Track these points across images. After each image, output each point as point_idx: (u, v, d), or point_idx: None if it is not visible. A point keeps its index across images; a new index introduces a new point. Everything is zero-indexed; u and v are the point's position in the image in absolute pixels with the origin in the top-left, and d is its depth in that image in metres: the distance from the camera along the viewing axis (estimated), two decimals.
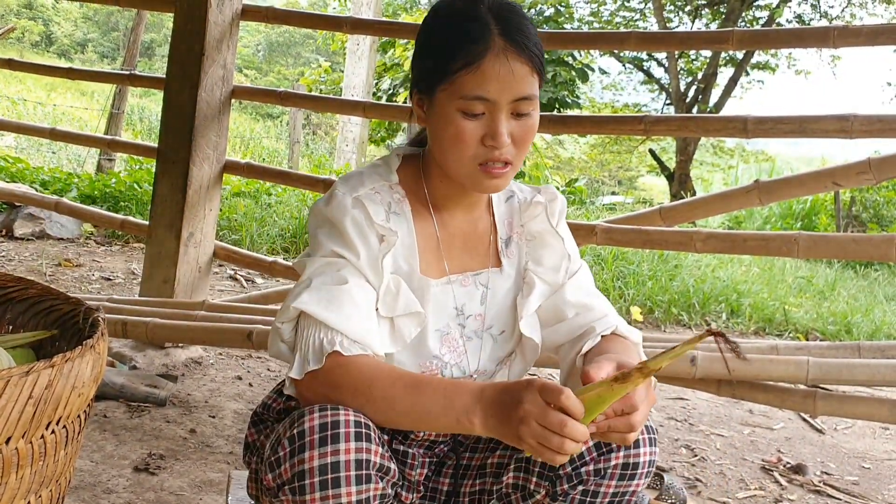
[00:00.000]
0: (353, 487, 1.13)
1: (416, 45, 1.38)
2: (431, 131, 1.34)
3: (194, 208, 3.56)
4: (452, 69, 1.26)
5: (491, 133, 1.28)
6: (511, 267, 1.47)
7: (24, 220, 5.91)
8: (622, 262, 6.55)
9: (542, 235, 1.48)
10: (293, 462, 1.14)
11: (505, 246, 1.47)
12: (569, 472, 1.28)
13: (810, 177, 2.88)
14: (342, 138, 12.04)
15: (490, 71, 1.25)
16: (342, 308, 1.25)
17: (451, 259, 1.42)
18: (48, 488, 1.28)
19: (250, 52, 29.66)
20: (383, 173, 1.41)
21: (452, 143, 1.29)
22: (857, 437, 3.69)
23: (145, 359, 3.36)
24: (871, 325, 6.30)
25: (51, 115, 12.23)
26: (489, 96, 1.26)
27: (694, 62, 16.72)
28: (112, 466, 2.43)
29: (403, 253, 1.36)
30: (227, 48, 3.57)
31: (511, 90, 1.27)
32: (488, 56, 1.26)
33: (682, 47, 6.97)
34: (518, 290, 1.46)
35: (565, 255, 1.47)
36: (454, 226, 1.43)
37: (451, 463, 1.44)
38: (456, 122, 1.28)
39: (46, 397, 1.17)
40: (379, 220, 1.32)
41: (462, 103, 1.27)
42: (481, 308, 1.43)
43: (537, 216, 1.47)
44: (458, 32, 1.28)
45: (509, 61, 1.26)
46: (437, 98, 1.30)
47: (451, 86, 1.27)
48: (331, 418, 1.15)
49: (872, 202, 11.84)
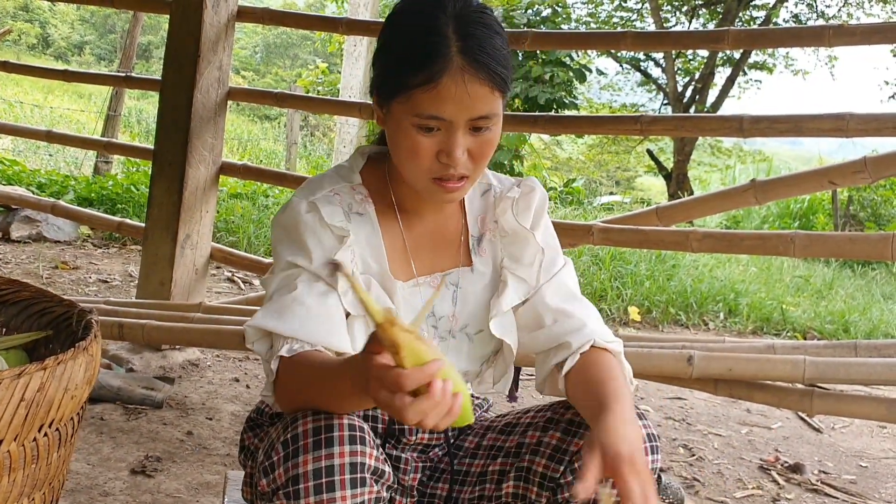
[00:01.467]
0: (347, 491, 1.12)
1: (378, 45, 1.33)
2: (388, 137, 1.31)
3: (191, 210, 3.55)
4: (409, 84, 1.21)
5: (446, 151, 1.24)
6: (484, 265, 1.43)
7: (21, 223, 5.90)
8: (620, 262, 6.55)
9: (515, 231, 1.43)
10: (287, 466, 1.13)
11: (476, 244, 1.43)
12: (570, 482, 1.27)
13: (807, 176, 2.89)
14: (340, 140, 12.03)
15: (446, 92, 1.20)
16: (292, 315, 1.24)
17: (420, 261, 1.39)
18: (41, 491, 1.27)
19: (248, 54, 29.66)
20: (345, 174, 1.38)
21: (407, 156, 1.26)
22: (855, 436, 3.68)
23: (142, 361, 3.35)
24: (868, 324, 6.30)
25: (48, 117, 12.22)
26: (444, 116, 1.21)
27: (691, 62, 16.74)
28: (109, 469, 2.43)
29: (371, 253, 1.34)
30: (223, 49, 3.57)
31: (468, 111, 1.22)
32: (445, 76, 1.20)
33: (678, 47, 6.97)
34: (494, 289, 1.43)
35: (539, 250, 1.42)
36: (422, 227, 1.40)
37: (447, 468, 1.43)
38: (411, 137, 1.24)
39: (39, 400, 1.16)
40: (335, 220, 1.29)
41: (417, 120, 1.22)
42: (453, 308, 1.40)
43: (507, 212, 1.42)
44: (417, 46, 1.22)
45: (466, 83, 1.20)
46: (393, 109, 1.26)
47: (407, 100, 1.22)
48: (325, 422, 1.15)
49: (870, 201, 11.84)
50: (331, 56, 16.88)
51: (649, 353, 2.49)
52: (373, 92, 1.32)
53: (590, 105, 19.15)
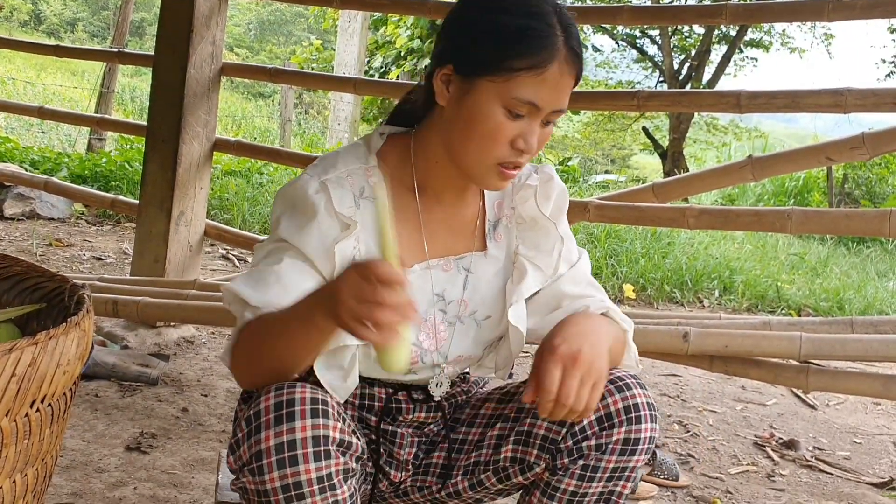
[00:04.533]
0: (311, 465, 1.12)
1: (463, 20, 1.29)
2: (455, 116, 1.27)
3: (184, 187, 3.53)
4: (513, 66, 1.21)
5: (525, 137, 1.24)
6: (498, 250, 1.42)
7: (14, 200, 5.87)
8: (615, 239, 6.54)
9: (534, 219, 1.41)
10: (250, 443, 1.14)
11: (492, 229, 1.42)
12: (570, 446, 1.28)
13: (804, 152, 2.88)
14: (334, 117, 11.98)
15: (550, 80, 1.22)
16: (267, 286, 1.23)
17: (433, 243, 1.37)
18: (34, 467, 1.27)
19: (241, 31, 29.47)
20: (361, 154, 1.35)
21: (483, 138, 1.24)
22: (849, 413, 3.70)
23: (137, 338, 3.34)
24: (863, 301, 6.31)
25: (41, 94, 12.14)
26: (540, 104, 1.22)
27: (687, 39, 16.65)
28: (104, 445, 2.43)
29: (375, 239, 1.30)
30: (216, 24, 3.53)
31: (557, 101, 1.24)
32: (553, 64, 1.22)
33: (675, 21, 6.94)
34: (507, 275, 1.41)
35: (559, 239, 1.42)
36: (440, 210, 1.37)
37: (443, 440, 1.43)
38: (495, 118, 1.23)
39: (30, 375, 1.15)
40: (343, 207, 1.27)
41: (511, 102, 1.22)
42: (463, 293, 1.38)
43: (528, 200, 1.41)
44: (527, 30, 1.21)
45: (565, 73, 1.23)
46: (479, 86, 1.23)
47: (505, 81, 1.21)
48: (286, 397, 1.15)
49: (865, 179, 11.84)
50: (325, 33, 16.80)
51: (645, 329, 2.48)
52: (439, 65, 1.28)
53: (586, 82, 19.06)
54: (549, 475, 1.31)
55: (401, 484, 1.42)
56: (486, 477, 1.37)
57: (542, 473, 1.32)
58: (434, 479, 1.42)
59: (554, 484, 1.30)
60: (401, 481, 1.41)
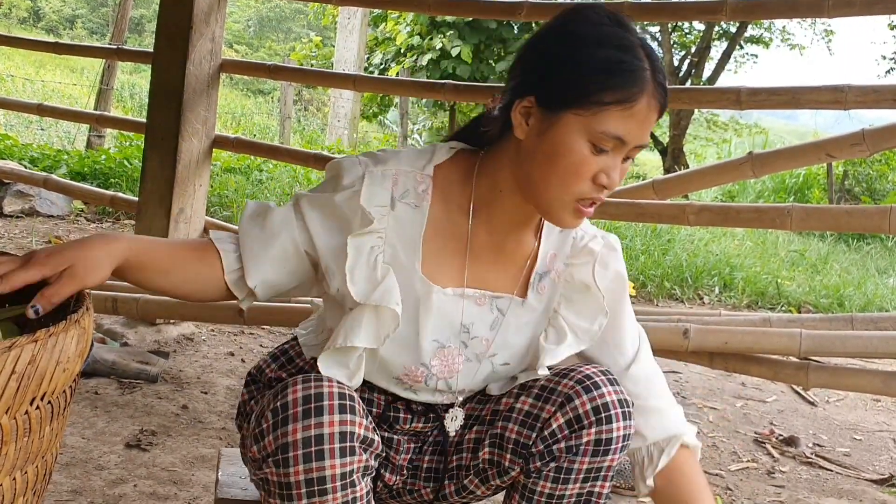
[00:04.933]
0: (337, 460, 1.12)
1: (547, 51, 1.24)
2: (535, 148, 1.22)
3: (184, 184, 3.53)
4: (602, 100, 1.17)
5: (608, 173, 1.20)
6: (538, 302, 1.36)
7: (14, 198, 5.87)
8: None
9: (585, 285, 1.36)
10: (276, 435, 1.13)
11: (538, 279, 1.36)
12: (541, 450, 1.27)
13: (804, 149, 2.87)
14: (334, 114, 11.99)
15: (639, 114, 1.18)
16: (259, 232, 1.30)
17: (475, 271, 1.32)
18: (34, 465, 1.26)
19: (240, 28, 29.44)
20: (420, 160, 1.31)
21: (566, 172, 1.20)
22: (849, 409, 3.70)
23: (136, 335, 3.34)
24: (863, 297, 6.31)
25: (40, 91, 12.13)
26: (627, 139, 1.19)
27: (687, 36, 16.66)
28: (104, 443, 2.43)
29: (404, 246, 1.28)
30: (216, 21, 3.53)
31: (643, 136, 1.21)
32: (643, 98, 1.18)
33: (675, 18, 6.95)
34: (537, 329, 1.37)
35: (602, 312, 1.36)
36: (489, 239, 1.32)
37: (433, 441, 1.42)
38: (579, 152, 1.18)
39: (30, 373, 1.15)
40: (371, 205, 1.25)
41: (598, 136, 1.18)
42: (490, 333, 1.34)
43: (586, 265, 1.36)
44: (617, 63, 1.18)
45: (653, 108, 1.20)
46: (564, 119, 1.19)
47: (593, 115, 1.17)
48: (314, 390, 1.14)
49: (865, 176, 11.84)
50: (324, 29, 16.78)
51: (645, 326, 2.47)
52: (517, 96, 1.24)
53: None
54: (524, 478, 1.30)
55: (394, 486, 1.42)
56: (470, 480, 1.36)
57: (518, 476, 1.31)
58: (423, 484, 1.41)
59: (530, 487, 1.29)
60: (394, 484, 1.41)
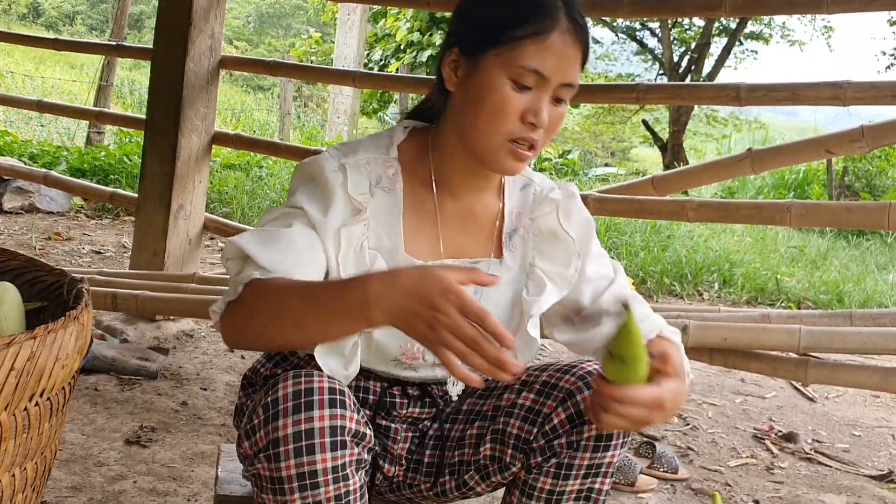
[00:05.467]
0: (328, 454, 1.12)
1: (466, 4, 1.32)
2: (464, 96, 1.28)
3: (183, 180, 3.53)
4: (515, 35, 1.22)
5: (534, 110, 1.23)
6: (513, 260, 1.40)
7: (13, 194, 5.87)
8: (614, 232, 6.54)
9: (553, 233, 1.41)
10: (268, 430, 1.13)
11: (509, 237, 1.40)
12: (542, 445, 1.27)
13: (804, 145, 2.87)
14: (333, 110, 11.98)
15: (553, 47, 1.22)
16: (277, 249, 1.21)
17: (449, 242, 1.36)
18: (33, 461, 1.27)
19: (240, 24, 29.42)
20: (383, 145, 1.35)
21: (492, 113, 1.24)
22: (848, 405, 3.70)
23: (136, 332, 3.34)
24: (862, 293, 6.32)
25: (39, 87, 12.12)
26: (546, 73, 1.22)
27: (687, 31, 16.63)
28: (103, 439, 2.43)
29: (387, 230, 1.31)
30: (215, 17, 3.52)
31: (564, 72, 1.24)
32: (555, 31, 1.22)
33: (675, 14, 6.94)
34: (517, 286, 1.40)
35: (576, 254, 1.40)
36: (457, 207, 1.37)
37: (434, 435, 1.43)
38: (502, 91, 1.23)
39: (29, 369, 1.15)
40: (357, 192, 1.28)
41: (517, 72, 1.22)
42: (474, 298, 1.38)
43: (549, 213, 1.41)
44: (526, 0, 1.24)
45: (570, 42, 1.23)
46: (485, 62, 1.24)
47: (509, 52, 1.22)
48: (304, 385, 1.14)
49: (865, 172, 11.84)
50: (324, 25, 16.76)
51: None
52: (447, 52, 1.30)
53: (585, 75, 19.00)
54: (525, 474, 1.30)
55: (394, 478, 1.42)
56: (470, 476, 1.36)
57: (519, 472, 1.31)
58: (423, 478, 1.41)
59: (531, 483, 1.29)
60: (394, 475, 1.41)
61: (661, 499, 2.49)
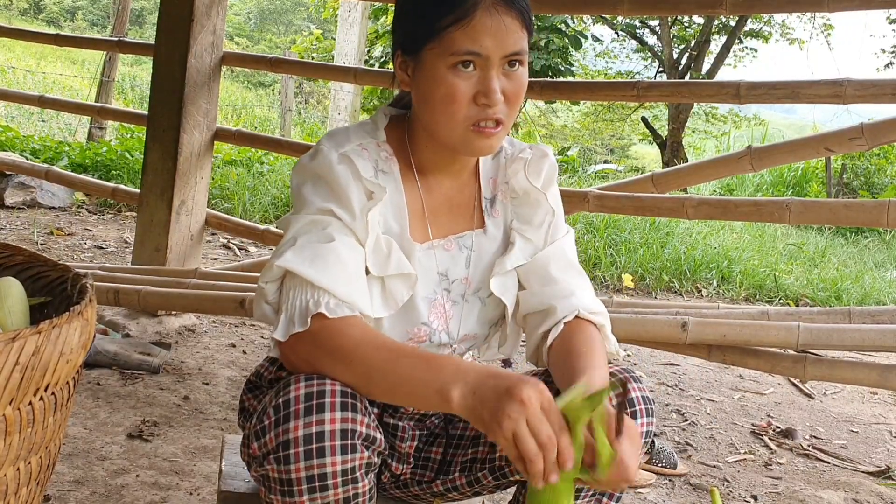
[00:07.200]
0: (338, 457, 1.12)
1: (398, 4, 1.34)
2: (418, 94, 1.30)
3: (185, 176, 3.54)
4: (441, 25, 1.23)
5: (484, 91, 1.24)
6: (496, 227, 1.43)
7: (15, 189, 5.88)
8: (614, 229, 6.55)
9: (526, 192, 1.43)
10: (278, 431, 1.13)
11: (489, 206, 1.43)
12: None
13: (803, 143, 2.88)
14: (334, 107, 11.96)
15: (480, 25, 1.22)
16: (328, 266, 1.21)
17: (436, 224, 1.39)
18: (37, 455, 1.28)
19: (241, 20, 29.39)
20: (370, 131, 1.37)
21: (443, 104, 1.25)
22: (846, 402, 3.71)
23: (138, 327, 3.35)
24: (860, 291, 6.33)
25: (41, 83, 12.11)
26: (482, 51, 1.23)
27: (687, 29, 16.60)
28: (106, 433, 2.44)
29: (393, 213, 1.33)
30: (217, 13, 3.53)
31: (503, 45, 1.24)
32: (478, 11, 1.22)
33: (675, 12, 6.93)
34: (504, 250, 1.43)
35: (549, 211, 1.43)
36: (439, 190, 1.39)
37: (442, 433, 1.44)
38: (447, 81, 1.24)
39: (33, 364, 1.16)
40: (367, 175, 1.29)
41: (453, 60, 1.23)
42: (466, 271, 1.40)
43: (518, 172, 1.43)
44: None
45: (500, 15, 1.23)
46: (425, 57, 1.26)
47: (439, 43, 1.23)
48: (317, 388, 1.14)
49: (863, 169, 11.84)
50: (325, 22, 16.73)
51: (644, 318, 2.50)
52: (395, 55, 1.33)
53: (585, 72, 19.01)
54: None
55: (401, 476, 1.42)
56: (483, 475, 1.37)
57: None
58: (432, 474, 1.42)
59: None
60: (401, 473, 1.42)
61: (659, 494, 2.51)
